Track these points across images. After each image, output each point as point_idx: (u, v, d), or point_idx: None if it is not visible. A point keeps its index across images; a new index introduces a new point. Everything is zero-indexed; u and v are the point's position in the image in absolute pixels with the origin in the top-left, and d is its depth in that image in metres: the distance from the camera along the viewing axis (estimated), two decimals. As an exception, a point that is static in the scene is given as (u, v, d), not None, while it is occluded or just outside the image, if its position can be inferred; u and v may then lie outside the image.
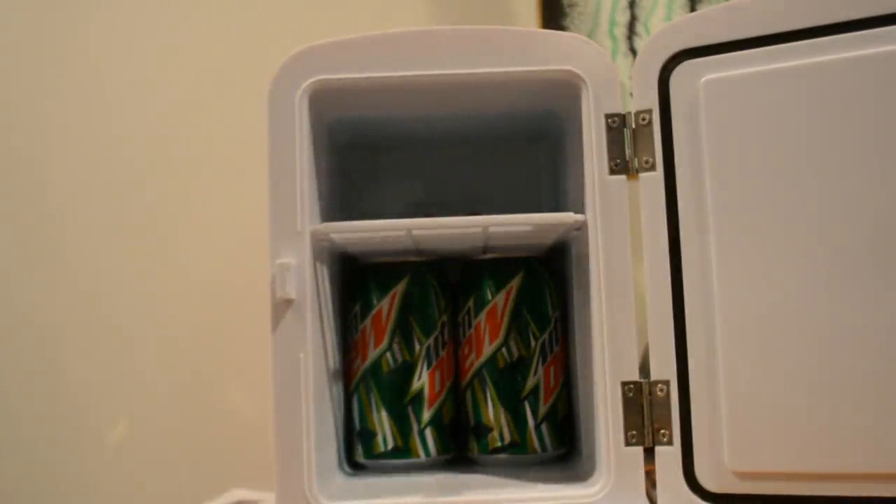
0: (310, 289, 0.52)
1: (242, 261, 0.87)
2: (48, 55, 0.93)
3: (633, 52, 0.94)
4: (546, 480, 0.54)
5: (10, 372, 0.90)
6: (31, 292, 0.91)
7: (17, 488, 0.90)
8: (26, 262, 0.91)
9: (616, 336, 0.51)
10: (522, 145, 0.69)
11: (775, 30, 0.49)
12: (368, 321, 0.60)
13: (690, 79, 0.51)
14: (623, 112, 0.52)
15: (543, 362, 0.60)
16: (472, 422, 0.61)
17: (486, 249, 0.60)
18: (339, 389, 0.60)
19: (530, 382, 0.59)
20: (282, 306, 0.51)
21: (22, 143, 0.92)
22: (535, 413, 0.59)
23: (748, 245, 0.48)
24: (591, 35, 0.93)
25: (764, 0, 0.50)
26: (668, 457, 0.50)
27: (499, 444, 0.59)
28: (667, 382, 0.50)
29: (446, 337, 0.61)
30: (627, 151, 0.52)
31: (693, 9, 0.94)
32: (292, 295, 0.51)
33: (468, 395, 0.61)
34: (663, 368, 0.50)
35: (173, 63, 0.94)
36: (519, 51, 0.53)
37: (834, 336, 0.47)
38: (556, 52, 0.53)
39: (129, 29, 0.94)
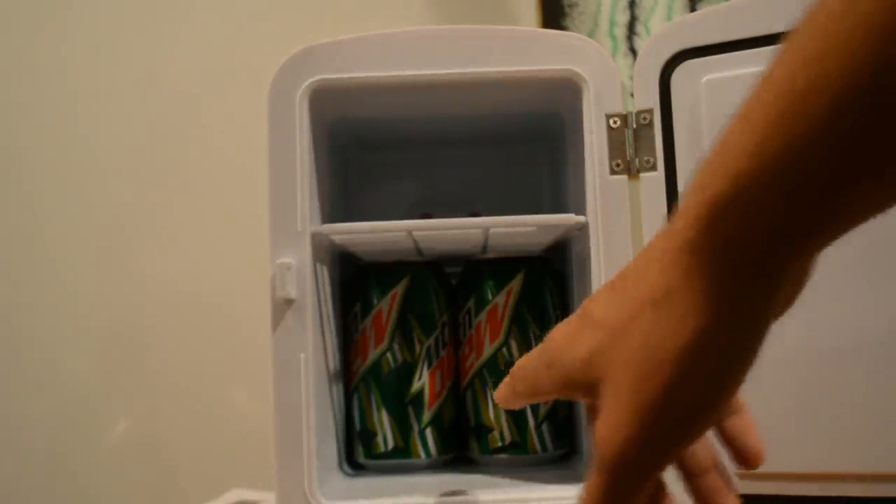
0: (310, 289, 0.52)
1: (243, 261, 0.87)
2: (48, 54, 0.93)
3: (633, 52, 0.94)
4: (546, 480, 0.54)
5: (8, 371, 0.90)
6: (31, 292, 0.91)
7: (17, 488, 0.89)
8: (26, 262, 0.91)
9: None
10: (522, 145, 0.69)
11: (776, 30, 0.49)
12: (369, 321, 0.60)
13: (691, 79, 0.51)
14: (624, 112, 0.52)
15: (544, 362, 0.59)
16: (472, 422, 0.60)
17: (486, 249, 0.60)
18: (339, 389, 0.59)
19: (531, 382, 0.59)
20: (282, 306, 0.51)
21: (20, 146, 0.92)
22: (535, 413, 0.59)
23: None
24: (590, 35, 0.93)
25: (764, 0, 0.50)
26: (669, 457, 0.50)
27: (499, 444, 0.59)
28: (667, 382, 0.50)
29: (447, 337, 0.61)
30: (628, 151, 0.52)
31: (693, 9, 0.94)
32: (292, 295, 0.51)
33: (469, 395, 0.61)
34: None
35: (173, 63, 0.94)
36: (519, 51, 0.53)
37: (834, 336, 0.47)
38: (556, 52, 0.53)
39: (129, 28, 0.94)
